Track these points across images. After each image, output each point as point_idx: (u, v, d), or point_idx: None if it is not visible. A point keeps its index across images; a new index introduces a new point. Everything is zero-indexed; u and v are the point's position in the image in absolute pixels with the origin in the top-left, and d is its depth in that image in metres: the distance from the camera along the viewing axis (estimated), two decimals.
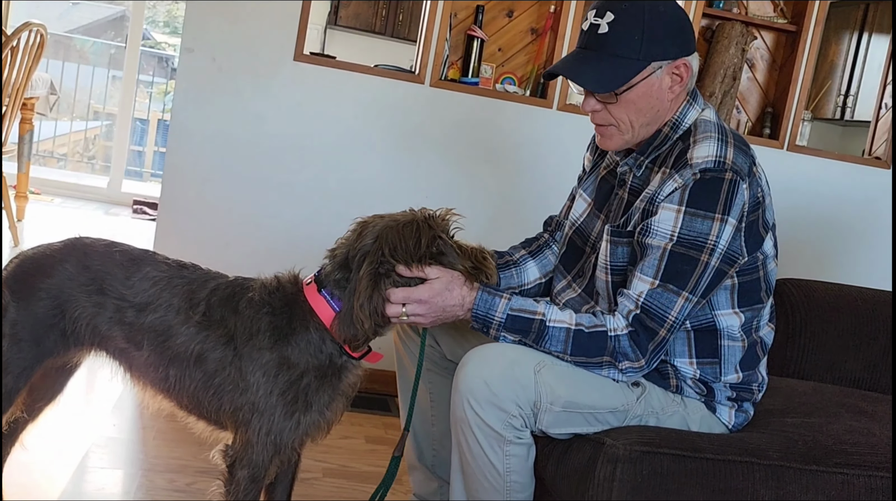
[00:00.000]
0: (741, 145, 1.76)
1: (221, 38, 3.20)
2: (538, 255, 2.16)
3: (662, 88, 1.80)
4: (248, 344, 1.76)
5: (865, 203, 3.77)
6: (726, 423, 1.88)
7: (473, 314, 1.77)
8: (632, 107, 1.80)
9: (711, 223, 1.69)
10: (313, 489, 2.51)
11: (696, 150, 1.73)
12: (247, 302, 1.79)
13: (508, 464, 1.76)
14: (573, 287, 2.00)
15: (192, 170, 3.24)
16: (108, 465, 2.51)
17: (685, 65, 1.80)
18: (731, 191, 1.69)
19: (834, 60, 4.70)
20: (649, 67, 1.77)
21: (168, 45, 9.81)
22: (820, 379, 2.47)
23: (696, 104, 1.85)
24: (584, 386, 1.75)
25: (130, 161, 7.68)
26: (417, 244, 1.75)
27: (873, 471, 1.76)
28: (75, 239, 1.89)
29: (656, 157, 1.84)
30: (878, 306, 2.56)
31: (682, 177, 1.71)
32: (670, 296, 1.70)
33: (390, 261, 1.73)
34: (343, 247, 1.80)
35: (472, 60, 3.51)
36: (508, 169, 3.47)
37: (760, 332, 1.91)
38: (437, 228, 1.79)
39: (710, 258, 1.70)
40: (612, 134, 1.86)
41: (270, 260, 1.96)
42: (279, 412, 1.75)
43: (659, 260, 1.71)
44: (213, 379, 1.77)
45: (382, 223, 1.78)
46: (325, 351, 1.78)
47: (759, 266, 1.83)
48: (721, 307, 1.83)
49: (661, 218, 1.72)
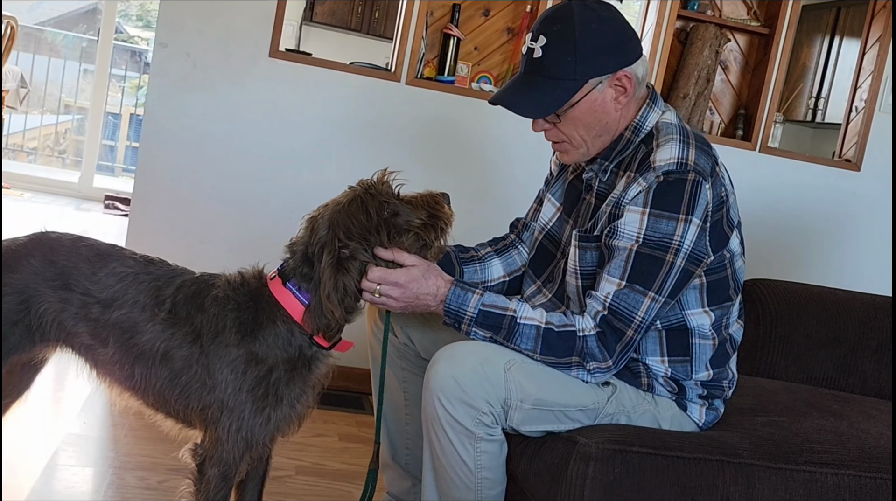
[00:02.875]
0: (703, 146, 1.79)
1: (196, 34, 3.18)
2: (504, 254, 2.18)
3: (606, 101, 1.82)
4: (215, 341, 1.74)
5: (836, 204, 3.82)
6: (697, 421, 1.90)
7: (446, 308, 1.78)
8: (578, 123, 1.83)
9: (676, 223, 1.71)
10: (286, 487, 2.50)
11: (659, 153, 1.76)
12: (212, 300, 1.77)
13: (479, 461, 1.77)
14: (543, 292, 2.02)
15: (165, 165, 3.22)
16: (77, 463, 2.49)
17: (626, 76, 1.81)
18: (694, 192, 1.72)
19: (806, 63, 4.75)
20: (587, 85, 1.80)
21: (141, 39, 9.73)
22: (790, 378, 2.50)
23: (657, 107, 1.88)
24: (554, 384, 1.76)
25: (102, 156, 7.62)
26: (368, 216, 1.75)
27: (841, 469, 1.78)
28: (41, 233, 1.87)
29: (620, 162, 1.87)
30: (847, 306, 2.60)
31: (646, 180, 1.74)
32: (637, 297, 1.72)
33: (348, 244, 1.73)
34: (300, 243, 1.80)
35: (448, 59, 3.51)
36: (483, 167, 3.48)
37: (730, 329, 1.93)
38: (380, 195, 1.78)
39: (676, 258, 1.72)
40: (567, 149, 1.91)
41: (245, 257, 1.95)
42: (249, 408, 1.74)
43: (625, 261, 1.73)
44: (179, 378, 1.76)
45: (329, 211, 1.78)
46: (294, 343, 1.78)
47: (726, 264, 1.85)
48: (691, 306, 1.85)
49: (626, 220, 1.75)
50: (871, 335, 2.55)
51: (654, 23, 3.55)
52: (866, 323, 2.56)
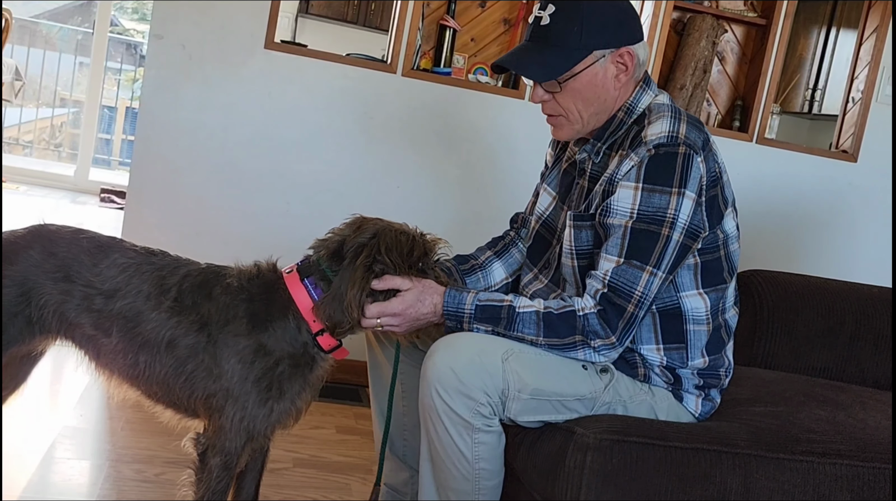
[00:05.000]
0: (695, 123, 1.81)
1: (191, 26, 3.17)
2: (504, 255, 2.19)
3: (607, 77, 1.84)
4: (224, 330, 1.76)
5: (832, 195, 3.82)
6: (693, 412, 1.90)
7: (445, 312, 1.80)
8: (577, 96, 1.84)
9: (669, 197, 1.72)
10: (283, 479, 2.50)
11: (650, 129, 1.78)
12: (222, 289, 1.79)
13: (477, 452, 1.77)
14: (540, 278, 2.02)
15: (161, 158, 3.21)
16: (74, 456, 2.49)
17: (629, 53, 1.84)
18: (685, 165, 1.73)
19: (803, 54, 4.74)
20: (591, 56, 1.81)
21: (136, 31, 9.69)
22: (787, 368, 2.50)
23: (650, 90, 1.90)
24: (551, 374, 1.76)
25: (98, 149, 7.59)
26: (410, 253, 1.81)
27: (838, 459, 1.79)
28: (40, 225, 1.87)
29: (613, 142, 1.88)
30: (844, 297, 2.60)
31: (638, 155, 1.75)
32: (635, 272, 1.73)
33: (385, 259, 1.77)
34: (338, 236, 1.84)
35: (445, 50, 3.50)
36: (480, 159, 3.47)
37: (726, 315, 1.94)
38: (427, 248, 1.86)
39: (672, 232, 1.73)
40: (562, 124, 1.91)
41: (241, 249, 1.95)
42: (253, 399, 1.75)
43: (622, 238, 1.74)
44: (184, 365, 1.76)
45: (381, 224, 1.84)
46: (301, 340, 1.80)
47: (720, 245, 1.85)
48: (686, 288, 1.85)
49: (619, 196, 1.76)
50: (868, 325, 2.55)
51: (651, 13, 3.54)
52: (863, 313, 2.56)
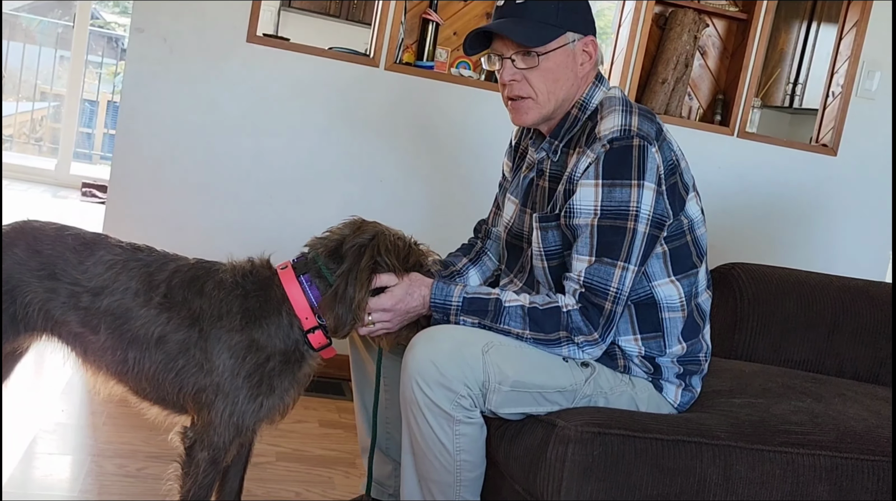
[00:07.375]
0: (646, 114, 1.83)
1: (173, 19, 3.15)
2: (478, 263, 2.25)
3: (576, 62, 1.88)
4: (216, 325, 1.76)
5: (812, 189, 3.86)
6: (672, 402, 1.92)
7: (432, 303, 1.82)
8: (549, 75, 1.87)
9: (629, 190, 1.74)
10: (267, 473, 2.50)
11: (603, 124, 1.80)
12: (215, 284, 1.79)
13: (458, 444, 1.78)
14: (514, 281, 2.04)
15: (142, 152, 3.20)
16: (56, 451, 2.48)
17: (593, 43, 1.90)
18: (641, 157, 1.75)
19: (783, 49, 4.77)
20: (564, 36, 1.86)
21: (118, 24, 9.62)
22: (767, 361, 2.52)
23: (602, 85, 1.93)
24: (532, 366, 1.77)
25: (79, 143, 7.54)
26: (406, 258, 1.85)
27: (817, 450, 1.80)
28: (24, 222, 1.85)
29: (570, 140, 1.90)
30: (823, 290, 2.62)
31: (594, 151, 1.78)
32: (607, 269, 1.75)
33: (384, 261, 1.80)
34: (336, 235, 1.85)
35: (427, 44, 3.51)
36: (462, 151, 3.48)
37: (699, 299, 1.95)
38: (422, 258, 1.89)
39: (637, 224, 1.75)
40: (529, 107, 1.91)
41: (223, 244, 1.94)
42: (243, 394, 1.76)
43: (590, 237, 1.76)
44: (175, 361, 1.76)
45: (380, 227, 1.87)
46: (293, 337, 1.81)
47: (685, 231, 1.87)
48: (657, 277, 1.87)
49: (581, 195, 1.78)
50: (847, 318, 2.57)
51: (633, 7, 3.56)
52: (843, 306, 2.58)
